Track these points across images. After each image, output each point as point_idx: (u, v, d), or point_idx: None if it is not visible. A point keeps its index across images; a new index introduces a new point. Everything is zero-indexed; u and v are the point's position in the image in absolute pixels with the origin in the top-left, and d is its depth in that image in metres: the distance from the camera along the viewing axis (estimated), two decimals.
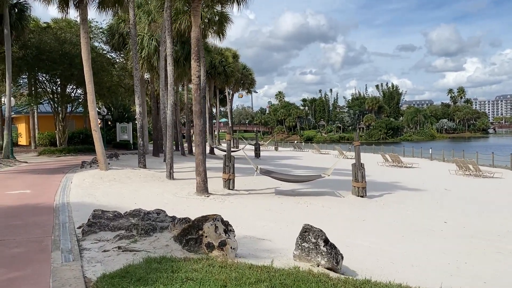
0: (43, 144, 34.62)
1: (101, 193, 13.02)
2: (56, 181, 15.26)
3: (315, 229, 6.23)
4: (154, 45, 23.76)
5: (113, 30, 29.00)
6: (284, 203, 13.73)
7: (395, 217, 12.77)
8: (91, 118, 17.57)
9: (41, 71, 28.76)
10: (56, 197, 11.57)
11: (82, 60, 28.69)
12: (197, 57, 13.75)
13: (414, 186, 20.64)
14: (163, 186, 15.73)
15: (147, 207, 11.26)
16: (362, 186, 15.78)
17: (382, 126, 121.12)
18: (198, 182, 13.95)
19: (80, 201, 11.06)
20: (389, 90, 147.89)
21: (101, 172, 17.18)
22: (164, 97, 19.83)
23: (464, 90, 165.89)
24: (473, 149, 48.42)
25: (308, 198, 14.93)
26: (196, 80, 13.77)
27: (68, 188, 13.50)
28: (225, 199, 13.61)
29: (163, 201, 12.59)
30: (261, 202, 13.63)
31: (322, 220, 11.54)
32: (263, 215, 11.49)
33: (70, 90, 32.86)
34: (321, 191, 16.89)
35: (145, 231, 6.76)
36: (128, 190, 14.13)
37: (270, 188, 17.09)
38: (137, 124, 20.37)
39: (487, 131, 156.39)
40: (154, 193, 13.95)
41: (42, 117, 37.93)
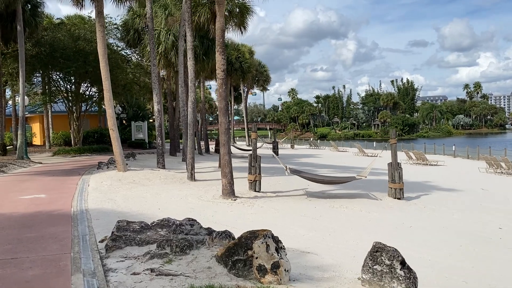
0: (57, 144, 33.97)
1: (121, 197, 12.05)
2: (72, 184, 14.35)
3: (388, 248, 5.13)
4: (172, 40, 22.76)
5: (128, 26, 28.10)
6: (318, 207, 12.63)
7: (443, 222, 11.59)
8: (108, 116, 16.64)
9: (55, 69, 27.99)
10: (74, 203, 10.62)
11: (98, 55, 28.11)
12: (222, 49, 12.70)
13: (448, 186, 19.39)
14: (186, 188, 14.73)
15: (172, 214, 10.27)
16: (399, 187, 14.62)
17: (398, 123, 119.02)
18: (224, 184, 12.91)
19: (99, 208, 10.09)
20: (404, 86, 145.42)
21: (119, 174, 16.25)
22: (183, 94, 18.83)
23: (480, 85, 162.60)
24: (495, 145, 46.73)
25: (342, 201, 13.81)
26: (221, 75, 12.73)
27: (86, 192, 12.56)
28: (254, 202, 12.56)
29: (188, 205, 11.59)
30: (293, 206, 12.55)
31: (364, 227, 10.46)
32: (300, 222, 10.41)
33: (84, 89, 32.09)
34: (354, 193, 15.76)
35: (180, 248, 5.72)
36: (149, 193, 13.15)
37: (298, 189, 16.02)
38: (155, 122, 19.42)
39: (505, 126, 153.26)
40: (177, 196, 12.96)
41: (56, 116, 37.31)
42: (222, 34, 12.71)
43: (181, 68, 18.48)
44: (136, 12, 27.68)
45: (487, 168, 27.49)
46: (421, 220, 11.70)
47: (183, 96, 18.67)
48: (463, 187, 19.24)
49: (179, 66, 18.67)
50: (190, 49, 16.27)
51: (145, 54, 25.21)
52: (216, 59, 12.75)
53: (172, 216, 10.01)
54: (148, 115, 47.17)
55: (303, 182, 17.78)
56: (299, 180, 18.80)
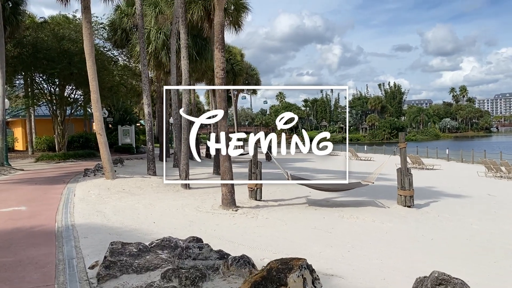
0: (40, 149, 32.44)
1: (111, 209, 10.88)
2: (56, 193, 13.12)
3: (455, 281, 4.11)
4: (163, 39, 21.60)
5: (115, 26, 26.84)
6: (327, 217, 11.62)
7: (464, 233, 10.69)
8: (95, 119, 15.43)
9: (37, 70, 26.58)
10: (58, 217, 9.43)
11: (84, 56, 26.83)
12: (222, 46, 11.66)
13: (453, 191, 18.60)
14: (181, 197, 13.61)
15: (170, 228, 9.16)
16: (409, 194, 13.69)
17: (386, 126, 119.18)
18: (224, 193, 11.83)
19: (87, 222, 8.92)
20: (391, 89, 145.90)
21: (108, 182, 15.04)
22: (175, 96, 17.70)
23: (466, 89, 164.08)
24: (484, 147, 46.42)
25: (349, 210, 12.83)
26: (221, 73, 11.67)
27: (71, 203, 11.35)
28: (257, 213, 11.49)
29: (186, 218, 10.48)
30: (299, 216, 11.51)
31: (383, 241, 9.48)
32: (312, 236, 9.38)
33: (69, 91, 30.68)
34: (360, 200, 14.81)
35: (191, 280, 4.63)
36: (142, 204, 11.99)
37: (299, 197, 15.01)
38: (146, 126, 18.26)
39: (490, 130, 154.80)
40: (172, 207, 11.83)
41: (39, 120, 35.79)
42: (222, 29, 11.66)
43: (174, 68, 17.36)
44: (124, 11, 26.47)
45: (486, 172, 26.87)
46: (440, 231, 10.77)
47: (175, 97, 17.54)
48: (469, 192, 18.46)
49: (171, 66, 17.54)
50: (184, 47, 15.17)
51: (134, 55, 24.02)
52: (215, 57, 11.69)
53: (170, 231, 8.90)
54: (135, 119, 45.82)
55: (304, 188, 16.80)
56: (299, 187, 17.83)
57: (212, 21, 18.47)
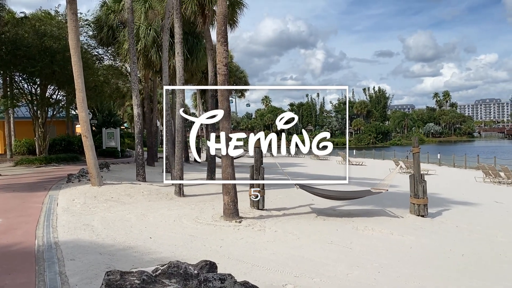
0: (20, 152, 30.68)
1: (100, 221, 9.60)
2: (37, 202, 11.75)
3: None
4: (153, 35, 20.29)
5: (101, 22, 25.39)
6: (340, 229, 10.53)
7: (493, 247, 9.69)
8: (80, 121, 14.08)
9: (17, 69, 24.94)
10: (38, 232, 8.13)
11: (66, 54, 25.26)
12: (225, 39, 10.49)
13: (459, 198, 17.77)
14: (176, 206, 12.36)
15: (169, 245, 7.94)
16: (423, 203, 12.71)
17: (372, 131, 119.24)
18: (226, 203, 10.64)
19: (74, 239, 7.65)
20: (376, 94, 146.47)
21: (94, 189, 13.70)
22: (167, 96, 16.44)
23: (449, 94, 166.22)
24: (469, 152, 46.18)
25: (361, 221, 11.77)
26: (224, 69, 10.51)
27: (54, 214, 10.03)
28: (263, 225, 10.33)
29: (186, 231, 9.27)
30: (310, 229, 10.39)
31: (408, 256, 8.43)
32: (332, 253, 8.26)
33: (51, 92, 29.03)
34: (368, 209, 13.78)
35: None
36: (133, 214, 10.73)
37: (303, 205, 13.94)
38: (135, 128, 16.94)
39: (473, 135, 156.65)
40: (168, 218, 10.59)
41: (19, 122, 33.99)
42: (225, 20, 10.50)
43: (166, 66, 16.11)
44: (110, 7, 25.05)
45: (484, 178, 26.23)
46: (467, 245, 9.76)
47: (167, 98, 16.27)
48: (474, 199, 17.64)
49: (163, 63, 16.28)
50: (179, 42, 13.95)
51: (121, 53, 22.66)
52: (217, 51, 10.52)
53: (170, 248, 7.69)
54: (119, 121, 44.25)
55: (306, 196, 15.78)
56: (300, 194, 16.79)
57: (206, 16, 17.36)
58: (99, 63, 29.11)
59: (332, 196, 13.06)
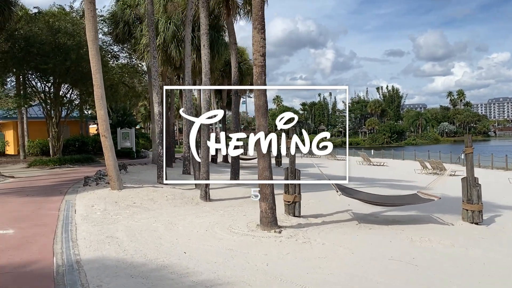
0: (33, 153, 29.87)
1: (125, 231, 8.48)
2: (52, 208, 10.71)
3: None
4: (173, 29, 19.17)
5: (116, 18, 24.38)
6: (393, 240, 9.31)
7: None
8: (99, 119, 13.03)
9: (30, 66, 24.04)
10: (56, 246, 7.03)
11: (80, 51, 24.40)
12: (262, 26, 9.32)
13: (503, 202, 16.49)
14: (204, 213, 11.23)
15: (209, 262, 6.73)
16: (478, 209, 11.42)
17: (386, 130, 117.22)
18: (263, 210, 9.48)
19: (98, 257, 6.54)
20: (389, 93, 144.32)
21: (114, 193, 12.63)
22: (190, 92, 15.32)
23: (463, 93, 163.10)
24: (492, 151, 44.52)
25: (411, 229, 10.53)
26: (261, 60, 9.35)
27: (73, 223, 8.95)
28: (307, 236, 9.14)
29: (222, 244, 8.11)
30: (360, 240, 9.18)
31: (486, 275, 7.18)
32: (397, 272, 7.04)
33: (65, 91, 28.16)
34: (412, 215, 12.53)
35: None
36: (160, 222, 9.61)
37: (339, 211, 12.73)
38: (156, 127, 15.86)
39: (488, 134, 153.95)
40: (199, 227, 9.45)
41: (32, 122, 33.19)
42: (262, 5, 9.34)
43: (188, 61, 15.00)
44: (126, 2, 24.03)
45: None
46: None
47: (190, 94, 15.16)
48: None
49: (186, 57, 15.15)
50: (205, 34, 12.82)
51: (138, 49, 21.62)
52: (253, 40, 9.35)
53: (209, 267, 6.50)
54: (134, 121, 43.38)
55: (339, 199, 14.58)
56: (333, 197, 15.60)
57: (231, 7, 16.21)
58: (114, 60, 28.16)
59: (380, 203, 11.83)
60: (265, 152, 9.54)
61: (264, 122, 9.54)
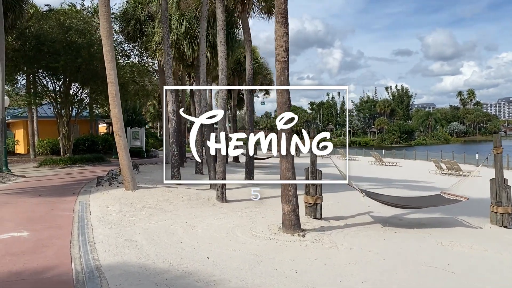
0: (43, 152, 29.66)
1: (143, 234, 8.11)
2: (66, 209, 10.38)
3: None
4: (186, 26, 18.80)
5: (127, 16, 24.06)
6: (423, 244, 8.84)
7: None
8: (113, 117, 12.69)
9: (40, 64, 23.80)
10: (74, 251, 6.67)
11: (90, 49, 24.15)
12: (285, 20, 8.91)
13: None
14: (221, 214, 10.85)
15: (235, 269, 6.32)
16: (507, 212, 10.92)
17: (396, 130, 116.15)
18: (286, 212, 9.06)
19: (119, 262, 6.17)
20: (398, 92, 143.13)
21: (128, 194, 12.29)
22: (205, 91, 14.94)
23: (474, 93, 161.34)
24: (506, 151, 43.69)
25: (439, 233, 10.08)
26: (284, 55, 8.94)
27: (89, 225, 8.60)
28: (332, 240, 8.72)
29: (247, 248, 7.71)
30: (388, 244, 8.75)
31: None
32: (435, 282, 6.59)
33: (75, 89, 27.94)
34: (438, 217, 12.10)
35: None
36: (179, 225, 9.24)
37: (360, 213, 12.33)
38: (170, 126, 15.50)
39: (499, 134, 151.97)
40: (219, 229, 9.07)
41: (42, 121, 32.96)
42: None
43: (203, 58, 14.62)
44: None
45: None
46: None
47: (205, 93, 14.78)
48: None
49: (201, 54, 14.76)
50: (222, 30, 12.43)
51: (150, 47, 21.29)
52: (276, 34, 8.94)
53: (236, 274, 6.08)
54: (144, 120, 43.15)
55: (359, 201, 14.17)
56: (351, 198, 15.24)
57: (246, 3, 15.82)
58: (125, 59, 27.88)
59: (402, 205, 11.38)
60: (289, 151, 9.14)
61: (289, 130, 9.12)
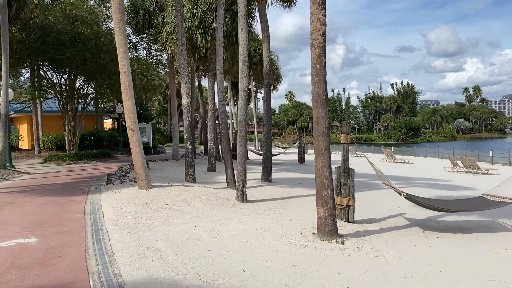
0: (48, 148, 28.81)
1: (165, 241, 7.19)
2: (76, 211, 9.47)
3: None
4: (199, 15, 17.83)
5: (136, 6, 23.15)
6: (476, 253, 7.91)
7: None
8: (126, 111, 11.77)
9: (45, 57, 22.89)
10: (90, 263, 5.76)
11: (98, 41, 23.27)
12: (323, 1, 7.94)
13: None
14: (245, 216, 9.93)
15: (276, 285, 5.44)
16: None
17: (402, 126, 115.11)
18: (322, 216, 8.13)
19: (144, 278, 5.24)
20: (404, 89, 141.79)
21: (142, 193, 11.38)
22: (221, 83, 13.99)
23: (480, 89, 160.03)
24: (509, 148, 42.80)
25: (485, 238, 9.15)
26: (321, 40, 7.98)
27: (103, 230, 7.68)
28: (376, 248, 7.79)
29: (283, 258, 6.79)
30: (438, 252, 7.82)
31: None
32: None
33: (81, 83, 27.05)
34: (476, 220, 11.19)
35: None
36: (201, 229, 8.32)
37: (392, 215, 11.49)
38: (184, 121, 14.57)
39: (505, 131, 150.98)
40: (248, 235, 8.14)
41: (46, 116, 32.13)
42: None
43: (220, 48, 13.67)
44: None
45: None
46: None
47: (222, 86, 13.84)
48: None
49: (217, 44, 13.79)
50: (243, 16, 11.47)
51: (160, 38, 20.33)
52: (312, 16, 7.98)
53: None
54: (151, 115, 42.27)
55: (386, 201, 13.41)
56: (377, 198, 14.42)
57: None
58: (133, 51, 26.97)
59: (443, 208, 10.40)
60: (324, 149, 8.21)
61: (323, 114, 8.20)
